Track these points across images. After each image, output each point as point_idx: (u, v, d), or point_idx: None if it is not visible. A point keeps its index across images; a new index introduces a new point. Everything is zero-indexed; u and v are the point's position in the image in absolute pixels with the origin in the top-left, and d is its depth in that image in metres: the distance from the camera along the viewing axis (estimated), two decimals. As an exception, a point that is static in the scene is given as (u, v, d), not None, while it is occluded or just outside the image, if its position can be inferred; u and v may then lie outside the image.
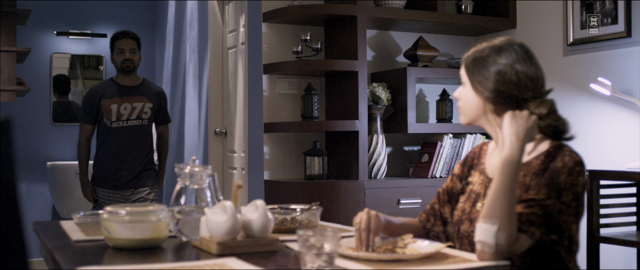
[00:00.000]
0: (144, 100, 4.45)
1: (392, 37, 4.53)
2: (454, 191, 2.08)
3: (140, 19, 7.12)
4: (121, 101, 4.40)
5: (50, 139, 6.70)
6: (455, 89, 2.02)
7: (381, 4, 4.21)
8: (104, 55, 6.92)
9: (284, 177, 4.22)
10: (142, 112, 4.44)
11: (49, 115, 6.71)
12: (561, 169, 1.74)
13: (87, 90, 4.56)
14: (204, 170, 2.01)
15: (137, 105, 4.42)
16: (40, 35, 6.69)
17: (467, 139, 4.26)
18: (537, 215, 1.70)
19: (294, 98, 4.27)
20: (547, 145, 1.84)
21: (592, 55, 3.90)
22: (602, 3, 3.81)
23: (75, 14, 6.83)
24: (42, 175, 6.54)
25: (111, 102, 4.39)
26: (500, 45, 1.86)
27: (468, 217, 1.92)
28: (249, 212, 1.84)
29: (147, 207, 1.91)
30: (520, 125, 1.72)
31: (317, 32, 4.29)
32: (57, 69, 6.79)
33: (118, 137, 4.41)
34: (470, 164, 2.07)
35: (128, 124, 4.42)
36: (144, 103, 4.44)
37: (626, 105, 3.70)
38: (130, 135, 4.42)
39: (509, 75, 1.81)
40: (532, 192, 1.74)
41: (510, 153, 1.70)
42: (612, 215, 3.49)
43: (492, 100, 1.84)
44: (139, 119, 4.44)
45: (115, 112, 4.39)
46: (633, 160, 3.60)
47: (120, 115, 4.39)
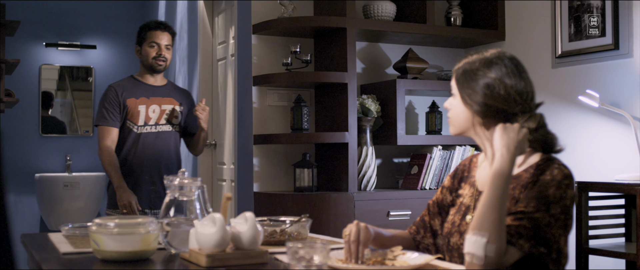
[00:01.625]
0: (174, 102, 3.85)
1: (382, 49, 4.54)
2: (444, 203, 2.08)
3: (130, 30, 7.10)
4: (149, 103, 3.78)
5: (38, 150, 6.67)
6: (445, 101, 2.02)
7: (371, 16, 4.23)
8: (93, 66, 6.90)
9: (274, 189, 4.21)
10: (172, 116, 3.83)
11: (37, 126, 6.68)
12: (550, 182, 1.74)
13: (106, 89, 3.81)
14: (193, 182, 2.00)
15: (166, 107, 3.81)
16: (29, 46, 6.68)
17: (456, 151, 4.27)
18: (526, 228, 1.70)
19: (283, 110, 4.27)
20: (537, 158, 1.85)
21: (581, 67, 3.92)
22: (590, 16, 3.83)
23: (65, 25, 6.82)
24: (31, 187, 6.51)
25: (138, 102, 3.75)
26: (491, 59, 1.86)
27: (458, 229, 1.93)
28: (238, 224, 1.83)
29: (136, 219, 1.90)
30: (511, 138, 1.73)
31: (307, 44, 4.30)
32: (46, 81, 6.77)
33: (146, 145, 3.76)
34: (460, 176, 2.07)
35: (157, 129, 3.79)
36: (173, 106, 3.84)
37: (614, 117, 3.72)
38: (160, 143, 3.80)
39: (497, 89, 1.81)
40: (521, 204, 1.74)
41: (500, 166, 1.70)
42: (600, 227, 3.50)
43: (480, 114, 1.84)
44: (169, 123, 3.83)
45: (143, 115, 3.75)
46: (621, 171, 3.61)
47: (148, 119, 3.76)
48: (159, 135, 3.79)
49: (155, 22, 3.85)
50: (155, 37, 3.78)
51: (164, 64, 3.80)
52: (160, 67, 3.79)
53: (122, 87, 3.78)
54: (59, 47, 6.78)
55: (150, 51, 3.78)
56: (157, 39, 3.78)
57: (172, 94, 3.87)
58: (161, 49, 3.78)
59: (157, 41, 3.78)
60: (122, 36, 7.07)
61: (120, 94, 3.74)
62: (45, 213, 6.43)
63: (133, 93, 3.76)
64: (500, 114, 1.82)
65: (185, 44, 5.69)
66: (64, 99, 6.88)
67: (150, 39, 3.78)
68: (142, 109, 3.75)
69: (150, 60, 3.78)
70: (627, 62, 3.68)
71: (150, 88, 3.81)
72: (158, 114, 3.78)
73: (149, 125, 3.76)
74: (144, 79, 3.84)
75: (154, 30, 3.80)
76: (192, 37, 5.47)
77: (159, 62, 3.78)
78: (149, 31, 3.80)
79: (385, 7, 4.23)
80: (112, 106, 3.73)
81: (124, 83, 3.83)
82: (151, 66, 3.80)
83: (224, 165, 5.00)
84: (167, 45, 3.80)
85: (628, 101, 3.66)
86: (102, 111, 3.76)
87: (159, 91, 3.82)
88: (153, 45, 3.78)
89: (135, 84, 3.82)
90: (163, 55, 3.78)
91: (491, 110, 1.82)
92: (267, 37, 4.23)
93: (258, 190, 4.18)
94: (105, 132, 3.73)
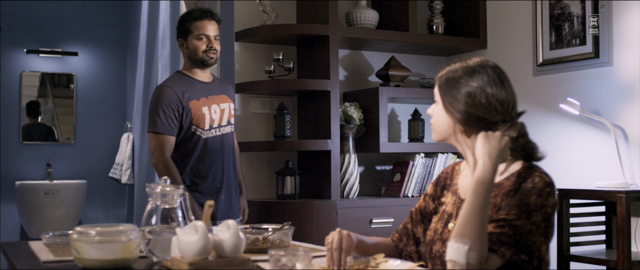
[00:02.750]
0: (228, 99, 3.49)
1: (364, 57, 4.55)
2: (427, 211, 2.09)
3: (112, 37, 7.09)
4: (209, 103, 3.39)
5: (19, 158, 6.62)
6: (427, 109, 2.03)
7: (353, 24, 4.24)
8: (74, 73, 6.86)
9: (256, 197, 4.20)
10: (230, 115, 3.48)
11: (17, 134, 6.63)
12: (531, 190, 1.75)
13: (160, 89, 3.33)
14: (175, 190, 2.00)
15: (224, 106, 3.45)
16: (9, 53, 6.63)
17: (438, 159, 4.29)
18: (507, 236, 1.71)
19: (266, 117, 4.27)
20: (519, 166, 1.86)
21: (561, 75, 3.95)
22: (570, 24, 3.87)
23: (46, 32, 6.78)
24: (11, 195, 6.45)
25: (200, 104, 3.35)
26: (473, 67, 1.87)
27: (440, 237, 1.93)
28: (221, 232, 1.83)
29: (117, 226, 1.89)
30: (493, 146, 1.74)
31: (290, 52, 4.30)
32: (27, 88, 6.72)
33: (215, 151, 3.39)
34: (442, 184, 2.08)
35: (221, 131, 3.43)
36: (228, 103, 3.48)
37: (595, 124, 3.75)
38: (226, 147, 3.44)
39: (479, 98, 1.82)
40: (503, 212, 1.75)
41: (482, 173, 1.71)
42: (582, 234, 3.53)
43: (462, 121, 1.85)
44: (229, 124, 3.47)
45: (208, 118, 3.36)
46: (602, 179, 3.64)
47: (212, 122, 3.38)
48: (224, 138, 3.43)
49: (200, 10, 3.40)
50: (203, 27, 3.36)
51: (216, 56, 3.40)
52: (212, 60, 3.38)
53: (179, 87, 3.32)
54: (40, 54, 6.74)
55: (199, 44, 3.35)
56: (205, 30, 3.36)
57: (224, 90, 3.51)
58: (211, 41, 3.37)
59: (205, 32, 3.36)
60: (104, 43, 7.04)
61: (180, 95, 3.30)
62: (25, 221, 6.37)
63: (193, 94, 3.34)
64: (481, 123, 1.83)
65: (167, 51, 5.68)
66: (45, 106, 6.84)
67: (197, 30, 3.36)
68: (206, 111, 3.35)
69: (200, 54, 3.36)
70: (607, 70, 3.71)
71: (205, 86, 3.42)
72: (219, 114, 3.41)
73: (214, 128, 3.38)
74: (196, 75, 3.42)
75: (200, 20, 3.37)
76: (174, 44, 5.46)
77: (210, 55, 3.37)
78: (194, 22, 3.37)
79: (368, 15, 4.25)
80: (171, 110, 3.28)
81: (178, 82, 3.36)
82: (202, 61, 3.37)
83: (206, 172, 4.98)
84: (215, 36, 3.40)
85: (608, 109, 3.69)
86: (158, 116, 3.28)
87: (213, 88, 3.45)
88: (201, 37, 3.35)
89: (190, 82, 3.39)
90: (214, 47, 3.37)
91: (472, 119, 1.83)
92: (249, 44, 4.23)
93: (240, 197, 4.17)
94: (164, 141, 3.27)
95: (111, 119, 7.03)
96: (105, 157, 6.94)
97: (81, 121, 6.89)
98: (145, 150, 6.34)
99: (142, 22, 6.57)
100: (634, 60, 3.58)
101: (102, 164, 6.91)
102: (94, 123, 6.95)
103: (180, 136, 3.33)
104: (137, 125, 6.63)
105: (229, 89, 3.56)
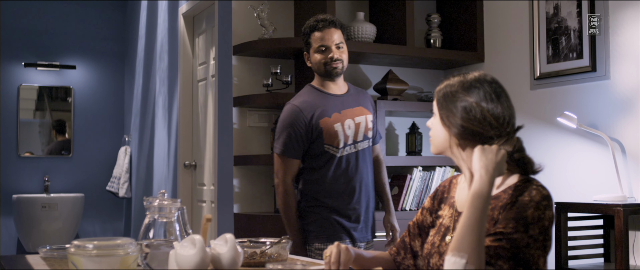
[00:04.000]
0: (364, 111, 3.25)
1: (362, 70, 4.56)
2: (424, 224, 2.09)
3: (110, 50, 7.10)
4: (342, 118, 3.17)
5: (16, 171, 6.61)
6: (425, 122, 2.04)
7: (351, 38, 4.25)
8: (72, 87, 6.86)
9: (254, 210, 4.20)
10: (367, 128, 3.24)
11: (15, 147, 6.63)
12: (528, 203, 1.75)
13: (290, 110, 3.16)
14: (173, 203, 2.00)
15: (360, 119, 3.22)
16: (7, 66, 6.64)
17: (436, 172, 4.29)
18: (504, 249, 1.71)
19: (264, 131, 4.27)
20: (516, 179, 1.86)
21: (558, 89, 3.96)
22: (567, 38, 3.88)
23: (44, 45, 6.79)
24: (8, 209, 6.44)
25: (332, 121, 3.14)
26: (471, 82, 1.88)
27: (437, 250, 1.93)
28: (218, 246, 1.83)
29: (115, 240, 1.88)
30: (490, 159, 1.74)
31: (288, 65, 4.31)
32: (24, 101, 6.73)
33: (351, 169, 3.18)
34: (440, 197, 2.08)
35: (356, 147, 3.20)
36: (364, 116, 3.24)
37: (592, 138, 3.75)
38: (362, 164, 3.21)
39: (474, 112, 1.83)
40: (500, 225, 1.75)
41: (479, 187, 1.71)
42: (579, 247, 3.53)
43: (458, 135, 1.86)
44: (365, 138, 3.24)
45: (342, 135, 3.14)
46: (599, 192, 3.64)
47: (347, 138, 3.16)
48: (360, 155, 3.21)
49: (317, 20, 3.18)
50: (321, 38, 3.15)
51: (340, 66, 3.17)
52: (337, 70, 3.17)
53: (309, 106, 3.14)
54: (38, 67, 6.75)
55: (320, 56, 3.16)
56: (324, 41, 3.15)
57: (360, 100, 3.28)
58: (331, 51, 3.15)
59: (325, 43, 3.14)
60: (101, 56, 7.05)
61: (309, 116, 3.12)
62: (22, 235, 6.36)
63: (324, 111, 3.14)
64: (476, 137, 1.84)
65: (165, 65, 5.69)
66: (42, 119, 6.84)
67: (316, 42, 3.16)
68: (339, 128, 3.14)
69: (323, 66, 3.16)
70: (604, 83, 3.72)
71: (337, 99, 3.21)
72: (353, 129, 3.18)
73: (348, 145, 3.16)
74: (327, 88, 3.23)
75: (318, 31, 3.16)
76: (172, 58, 5.47)
77: (333, 66, 3.16)
78: (312, 34, 3.18)
79: (366, 29, 4.26)
80: (299, 133, 3.12)
81: (308, 99, 3.17)
82: (327, 73, 3.18)
83: (204, 186, 4.99)
84: (337, 44, 3.16)
85: (605, 122, 3.70)
86: (284, 137, 3.14)
87: (347, 101, 3.23)
88: (322, 49, 3.15)
89: (320, 97, 3.19)
90: (336, 57, 3.15)
91: (468, 133, 1.84)
92: (247, 58, 4.24)
93: (238, 211, 4.17)
94: (289, 164, 3.14)
95: (109, 132, 7.03)
96: (102, 170, 6.93)
97: (78, 134, 6.89)
98: (143, 164, 6.34)
99: (140, 35, 6.59)
100: (631, 74, 3.60)
101: (100, 177, 6.91)
102: (92, 136, 6.95)
103: (313, 156, 3.16)
104: (135, 138, 6.64)
105: (365, 99, 3.32)
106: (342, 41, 3.18)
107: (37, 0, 6.73)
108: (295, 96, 3.25)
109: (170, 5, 5.57)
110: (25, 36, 6.70)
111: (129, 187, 6.63)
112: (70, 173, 6.83)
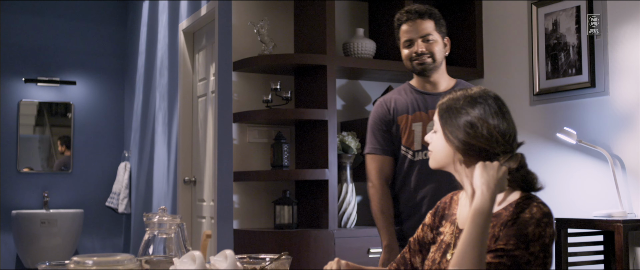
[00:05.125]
0: None
1: (362, 86, 4.57)
2: (425, 241, 2.08)
3: (110, 66, 7.11)
4: (427, 118, 2.86)
5: (15, 187, 6.61)
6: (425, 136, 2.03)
7: (351, 54, 4.26)
8: (72, 102, 6.87)
9: (254, 226, 4.19)
10: None
11: (14, 163, 6.63)
12: (529, 220, 1.75)
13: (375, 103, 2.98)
14: (173, 219, 1.99)
15: None
16: (8, 82, 6.65)
17: (436, 188, 4.28)
18: (505, 266, 1.70)
19: (263, 147, 4.27)
20: (517, 196, 1.85)
21: (558, 104, 3.96)
22: (566, 54, 3.89)
23: (44, 61, 6.81)
24: (7, 224, 6.43)
25: (413, 119, 2.86)
26: (475, 97, 1.87)
27: (438, 267, 1.92)
28: (218, 262, 1.82)
29: (114, 256, 1.88)
30: (491, 176, 1.74)
31: (287, 81, 4.32)
32: (24, 116, 6.73)
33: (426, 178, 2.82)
34: (441, 213, 2.08)
35: None
36: None
37: (592, 153, 3.75)
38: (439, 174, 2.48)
39: (480, 129, 1.82)
40: (501, 242, 1.75)
41: (480, 203, 1.71)
42: (580, 264, 3.52)
43: (462, 151, 1.85)
44: None
45: (419, 136, 2.84)
46: (600, 208, 3.64)
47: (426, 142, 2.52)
48: None
49: (401, 13, 2.88)
50: (406, 31, 2.84)
51: (429, 60, 2.83)
52: (425, 65, 2.83)
53: (392, 100, 2.90)
54: (38, 83, 6.76)
55: (406, 52, 2.86)
56: (409, 34, 2.83)
57: None
58: (417, 45, 2.82)
59: (410, 36, 2.83)
60: (102, 72, 7.07)
61: (390, 109, 2.88)
62: (21, 251, 6.34)
63: (406, 107, 2.87)
64: (481, 153, 1.83)
65: (165, 81, 5.70)
66: (42, 134, 6.84)
67: (403, 37, 2.86)
68: (418, 128, 2.84)
69: (409, 63, 2.87)
70: (603, 99, 3.72)
71: (429, 98, 2.88)
72: None
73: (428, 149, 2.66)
74: (421, 87, 2.93)
75: (403, 24, 2.85)
76: (172, 74, 5.48)
77: (420, 61, 2.83)
78: (398, 28, 2.88)
79: (365, 45, 4.27)
80: (379, 127, 2.88)
81: (395, 95, 2.93)
82: (415, 69, 2.88)
83: (203, 202, 4.98)
84: (424, 36, 2.82)
85: (605, 138, 3.70)
86: (368, 134, 2.93)
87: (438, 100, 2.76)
88: (407, 44, 2.85)
89: (410, 93, 2.92)
90: (422, 52, 2.82)
91: (473, 149, 1.83)
92: (247, 74, 4.25)
93: (238, 227, 4.16)
94: (373, 163, 2.88)
95: (108, 148, 7.03)
96: (102, 186, 6.93)
97: (78, 150, 6.89)
98: (142, 180, 6.34)
99: (140, 51, 6.60)
100: (630, 90, 3.60)
101: (99, 193, 6.90)
102: (91, 152, 6.95)
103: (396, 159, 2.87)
104: (135, 154, 6.63)
105: None
106: (433, 32, 2.82)
107: (38, 16, 6.75)
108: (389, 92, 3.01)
109: (171, 22, 5.59)
110: (25, 52, 6.72)
111: (128, 202, 6.62)
112: (69, 189, 6.82)
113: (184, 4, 5.24)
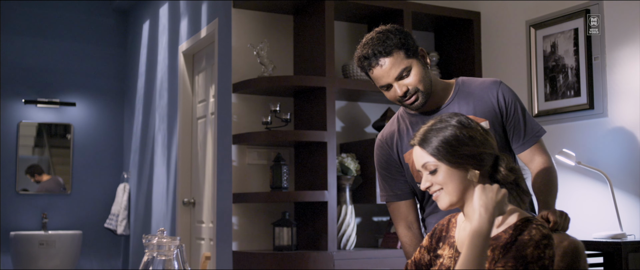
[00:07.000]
0: None
1: (361, 108, 4.57)
2: (422, 263, 2.08)
3: (110, 88, 7.13)
4: None
5: (14, 208, 6.59)
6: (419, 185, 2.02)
7: (350, 76, 4.27)
8: (72, 124, 6.88)
9: (253, 248, 4.18)
10: None
11: (13, 184, 6.62)
12: (528, 242, 1.75)
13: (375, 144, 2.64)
14: (172, 241, 1.99)
15: None
16: (7, 103, 6.66)
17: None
18: (505, 288, 1.70)
19: (263, 168, 4.27)
20: (516, 218, 1.86)
21: (557, 126, 3.97)
22: (565, 76, 3.90)
23: (44, 82, 6.82)
24: (5, 246, 6.41)
25: None
26: (444, 118, 1.94)
27: (437, 289, 1.92)
28: (217, 285, 1.82)
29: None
30: (490, 198, 1.74)
31: (287, 103, 4.33)
32: (23, 138, 6.74)
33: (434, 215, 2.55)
34: (438, 236, 2.08)
35: None
36: None
37: (591, 175, 3.76)
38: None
39: (465, 134, 1.89)
40: (500, 264, 1.75)
41: (479, 225, 1.71)
42: (580, 286, 3.50)
43: (476, 165, 1.86)
44: None
45: None
46: (599, 230, 3.63)
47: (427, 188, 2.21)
48: None
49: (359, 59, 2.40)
50: (378, 78, 2.38)
51: (417, 96, 2.38)
52: (416, 105, 2.40)
53: (393, 137, 2.54)
54: (38, 104, 6.77)
55: (390, 96, 2.42)
56: (382, 80, 2.37)
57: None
58: (395, 88, 2.38)
59: (384, 83, 2.38)
60: (101, 93, 7.08)
61: (393, 148, 2.53)
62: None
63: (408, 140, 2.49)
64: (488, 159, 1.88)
65: (165, 102, 5.70)
66: (41, 156, 6.84)
67: (377, 83, 2.40)
68: None
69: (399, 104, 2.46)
70: (602, 121, 3.73)
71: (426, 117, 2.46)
72: None
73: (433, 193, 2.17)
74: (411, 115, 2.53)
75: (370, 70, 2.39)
76: (172, 95, 5.49)
77: (410, 104, 2.40)
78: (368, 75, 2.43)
79: (364, 67, 4.28)
80: (387, 171, 2.57)
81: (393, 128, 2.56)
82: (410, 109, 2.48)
83: (202, 223, 4.97)
84: (399, 74, 2.35)
85: (604, 159, 3.70)
86: (379, 180, 2.63)
87: None
88: (385, 88, 2.41)
89: (407, 119, 2.53)
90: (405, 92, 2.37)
91: (482, 157, 1.86)
92: (247, 95, 4.26)
93: (237, 249, 4.15)
94: (391, 210, 2.60)
95: (107, 169, 7.03)
96: (101, 207, 6.92)
97: (77, 171, 6.88)
98: (141, 201, 6.33)
99: (140, 73, 6.62)
100: (628, 111, 3.61)
101: (98, 214, 6.89)
102: (90, 173, 6.95)
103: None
104: (134, 175, 6.63)
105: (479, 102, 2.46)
106: (406, 64, 2.34)
107: (38, 38, 6.78)
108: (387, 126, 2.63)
109: (171, 43, 5.61)
110: (25, 73, 6.73)
111: (127, 224, 6.61)
112: (68, 210, 6.80)
113: (184, 25, 5.26)
